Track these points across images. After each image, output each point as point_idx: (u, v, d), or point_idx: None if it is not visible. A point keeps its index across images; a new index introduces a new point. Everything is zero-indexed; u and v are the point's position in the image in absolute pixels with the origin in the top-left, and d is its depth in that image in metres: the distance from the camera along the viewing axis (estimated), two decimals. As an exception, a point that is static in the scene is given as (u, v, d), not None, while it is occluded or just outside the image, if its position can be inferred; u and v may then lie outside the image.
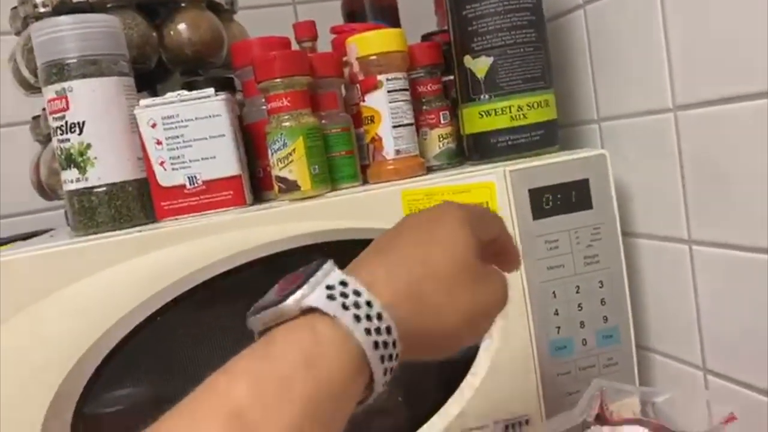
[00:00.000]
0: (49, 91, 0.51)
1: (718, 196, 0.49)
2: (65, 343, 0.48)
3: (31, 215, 0.81)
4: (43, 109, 0.61)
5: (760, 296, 0.47)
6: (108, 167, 0.52)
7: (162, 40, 0.60)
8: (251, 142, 0.57)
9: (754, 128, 0.45)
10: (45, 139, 0.66)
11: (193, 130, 0.52)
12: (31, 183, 0.67)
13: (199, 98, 0.52)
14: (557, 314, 0.56)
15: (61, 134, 0.51)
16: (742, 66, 0.45)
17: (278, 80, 0.53)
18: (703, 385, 0.54)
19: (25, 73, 0.60)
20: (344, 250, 0.51)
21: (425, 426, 0.55)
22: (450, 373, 0.56)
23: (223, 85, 0.61)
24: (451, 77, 0.62)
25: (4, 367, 0.47)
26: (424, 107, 0.62)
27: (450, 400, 0.56)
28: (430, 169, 0.61)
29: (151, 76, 0.62)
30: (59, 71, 0.51)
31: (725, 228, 0.49)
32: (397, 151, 0.57)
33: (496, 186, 0.55)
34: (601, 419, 0.50)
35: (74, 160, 0.51)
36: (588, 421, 0.50)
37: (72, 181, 0.52)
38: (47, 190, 0.63)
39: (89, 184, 0.51)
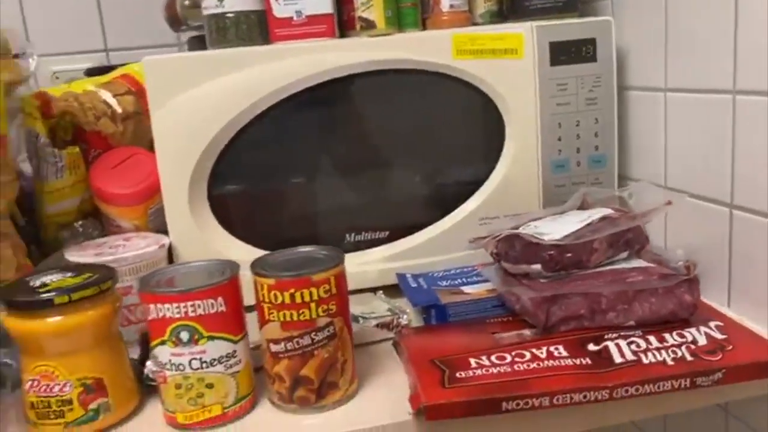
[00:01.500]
0: (198, -63, 0.69)
1: (682, 53, 0.66)
2: (199, 130, 0.68)
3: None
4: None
5: (712, 129, 0.64)
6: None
7: None
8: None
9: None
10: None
11: (301, -24, 0.70)
12: (164, 17, 0.86)
13: (307, -49, 0.70)
14: (560, 140, 0.75)
15: (206, -30, 0.69)
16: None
17: (366, -59, 0.70)
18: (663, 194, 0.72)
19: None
20: (404, 77, 0.70)
21: (452, 214, 0.75)
22: (472, 179, 0.76)
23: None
24: (499, -48, 0.78)
25: (159, 149, 0.67)
26: (475, -27, 0.78)
27: (469, 199, 0.76)
28: (474, 24, 0.78)
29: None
30: None
31: (686, 76, 0.66)
32: (451, 6, 0.74)
33: (524, 36, 0.72)
34: (582, 209, 0.69)
35: (215, -9, 0.70)
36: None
37: (212, 7, 0.70)
38: (181, 20, 0.82)
39: (225, 10, 0.70)
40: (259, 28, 0.72)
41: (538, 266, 0.58)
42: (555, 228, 0.60)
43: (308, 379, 0.52)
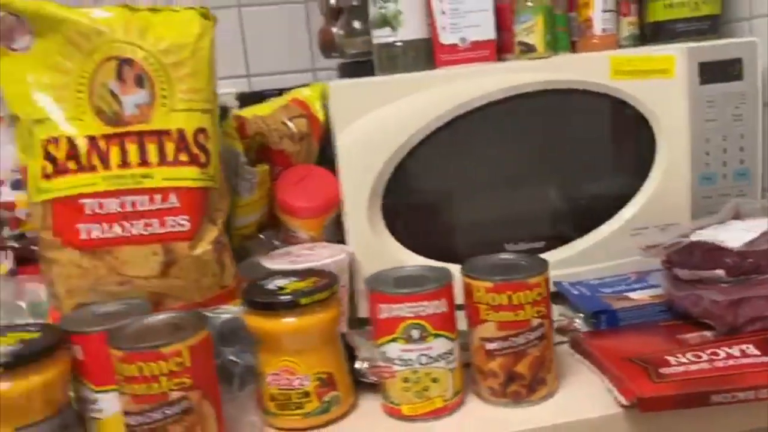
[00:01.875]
0: (375, -27, 0.75)
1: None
2: (379, 149, 0.74)
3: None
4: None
5: None
6: (410, 29, 0.76)
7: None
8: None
9: None
10: (331, 11, 0.91)
11: (467, 4, 0.76)
12: (318, 44, 0.93)
13: (475, -17, 0.76)
14: (707, 154, 0.79)
15: (382, 2, 0.75)
16: None
17: (528, -27, 0.76)
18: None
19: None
20: (563, 96, 0.75)
21: (605, 224, 0.80)
22: (622, 192, 0.80)
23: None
24: (640, -22, 0.83)
25: (342, 166, 0.73)
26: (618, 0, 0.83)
27: (622, 210, 0.80)
28: (620, 47, 0.83)
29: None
30: (383, -42, 0.74)
31: None
32: (603, 30, 0.79)
33: (676, 58, 0.77)
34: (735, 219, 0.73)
35: (388, 22, 0.76)
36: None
37: (384, 36, 0.76)
38: (335, 48, 0.89)
39: (398, 39, 0.76)
40: (425, 54, 0.78)
41: (720, 271, 0.62)
42: (729, 236, 0.64)
43: (521, 375, 0.57)
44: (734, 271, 0.62)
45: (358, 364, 0.62)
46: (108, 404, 0.55)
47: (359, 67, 0.89)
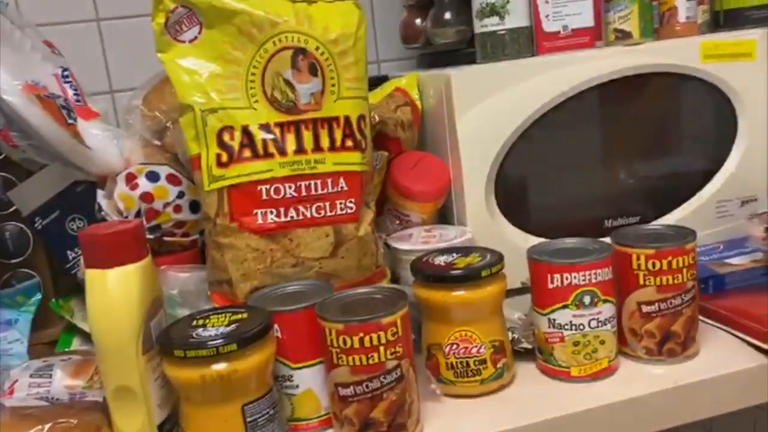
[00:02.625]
0: (483, -36, 0.79)
1: None
2: (496, 134, 0.77)
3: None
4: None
5: None
6: (516, 17, 0.80)
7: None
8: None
9: None
10: (416, 4, 0.94)
11: (569, -5, 0.80)
12: (399, 34, 0.96)
13: (577, -27, 0.80)
14: (785, 128, 0.86)
15: (490, -7, 0.79)
16: None
17: (623, -36, 0.81)
18: None
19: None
20: (657, 79, 0.81)
21: (694, 197, 0.86)
22: (707, 167, 0.86)
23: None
24: (711, -32, 0.90)
25: (463, 150, 0.76)
26: (695, -11, 0.89)
27: (707, 185, 0.86)
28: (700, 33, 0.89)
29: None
30: (490, -49, 0.78)
31: None
32: (687, 17, 0.85)
33: (757, 41, 0.83)
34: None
35: (497, 11, 0.80)
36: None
37: (492, 25, 0.80)
38: (427, 36, 0.92)
39: (505, 27, 0.80)
40: (528, 41, 0.82)
41: (833, 234, 0.69)
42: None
43: (677, 334, 0.62)
44: None
45: (511, 334, 0.66)
46: (303, 380, 0.57)
47: (445, 56, 0.93)
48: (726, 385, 0.61)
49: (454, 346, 0.61)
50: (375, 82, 0.89)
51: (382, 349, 0.53)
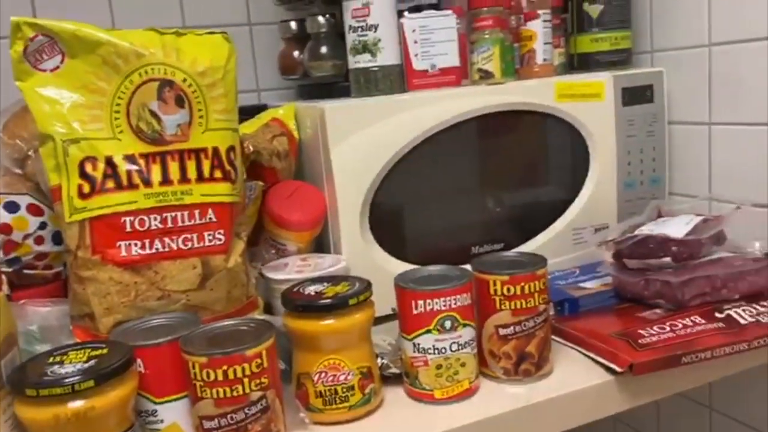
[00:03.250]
0: (355, 3, 0.82)
1: (728, 97, 0.88)
2: (369, 164, 0.81)
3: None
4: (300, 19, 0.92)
5: (755, 161, 0.86)
6: (387, 55, 0.84)
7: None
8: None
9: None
10: (294, 37, 0.96)
11: (436, 35, 0.85)
12: (278, 65, 0.98)
13: (443, 15, 0.85)
14: (629, 164, 0.94)
15: (362, 31, 0.83)
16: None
17: (485, 9, 0.87)
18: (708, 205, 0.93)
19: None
20: (516, 117, 0.87)
21: (552, 226, 0.92)
22: (564, 197, 0.93)
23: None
24: (566, 15, 0.98)
25: (338, 179, 0.79)
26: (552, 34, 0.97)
27: (564, 214, 0.93)
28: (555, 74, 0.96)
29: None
30: (362, -9, 0.82)
31: (733, 113, 0.88)
32: (544, 60, 0.92)
33: (605, 83, 0.91)
34: (659, 217, 0.88)
35: (369, 48, 0.83)
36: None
37: (365, 62, 0.83)
38: (301, 70, 0.94)
39: (377, 64, 0.83)
40: (399, 78, 0.86)
41: (668, 258, 0.76)
42: (671, 229, 0.78)
43: (531, 355, 0.67)
44: (678, 257, 0.76)
45: (380, 360, 0.68)
46: (167, 414, 0.57)
47: (323, 88, 0.96)
48: (576, 401, 0.66)
49: (323, 374, 0.62)
50: (254, 111, 0.90)
51: (246, 381, 0.53)
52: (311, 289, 0.64)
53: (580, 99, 0.91)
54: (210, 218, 0.63)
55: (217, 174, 0.63)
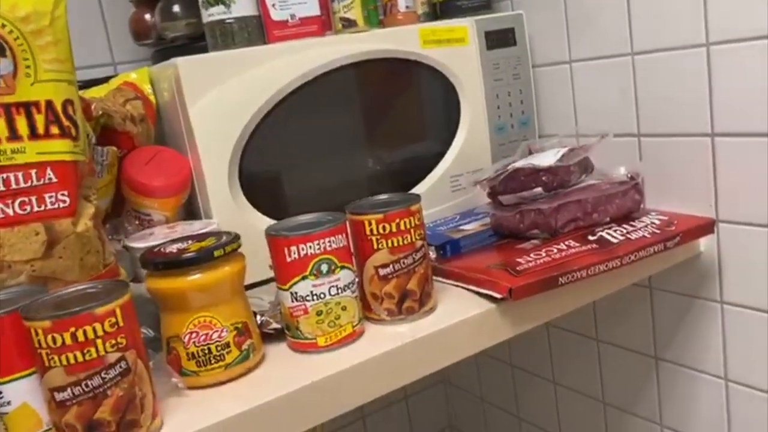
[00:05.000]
0: (202, -48, 0.78)
1: (583, 33, 0.91)
2: (232, 121, 0.76)
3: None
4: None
5: (613, 87, 0.89)
6: (242, 6, 0.80)
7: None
8: None
9: (609, -9, 0.86)
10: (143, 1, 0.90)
11: (293, -16, 0.82)
12: (130, 30, 0.91)
13: (298, -37, 0.82)
14: (498, 108, 0.96)
15: (212, -19, 0.78)
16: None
17: (341, -45, 0.84)
18: (576, 142, 0.96)
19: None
20: (383, 64, 0.85)
21: (431, 174, 0.92)
22: (441, 145, 0.93)
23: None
24: (425, -35, 0.97)
25: (199, 140, 0.74)
26: (412, -17, 0.96)
27: (441, 161, 0.93)
28: (419, 22, 0.95)
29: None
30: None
31: (589, 49, 0.91)
32: (407, 7, 0.91)
33: (468, 28, 0.92)
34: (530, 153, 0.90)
35: (222, 0, 0.79)
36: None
37: (219, 14, 0.79)
38: (155, 33, 0.88)
39: (232, 16, 0.79)
40: (258, 30, 0.82)
41: (539, 189, 0.77)
42: (539, 160, 0.80)
43: (413, 292, 0.65)
44: (549, 185, 0.78)
45: (259, 317, 0.65)
46: (15, 394, 0.51)
47: (179, 51, 0.90)
48: (460, 332, 0.66)
49: (194, 335, 0.58)
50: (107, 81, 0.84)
51: (99, 342, 0.48)
52: (173, 247, 0.60)
53: (446, 44, 0.90)
54: (50, 179, 0.57)
55: (54, 130, 0.57)
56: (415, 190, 0.91)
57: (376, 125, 0.89)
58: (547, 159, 0.79)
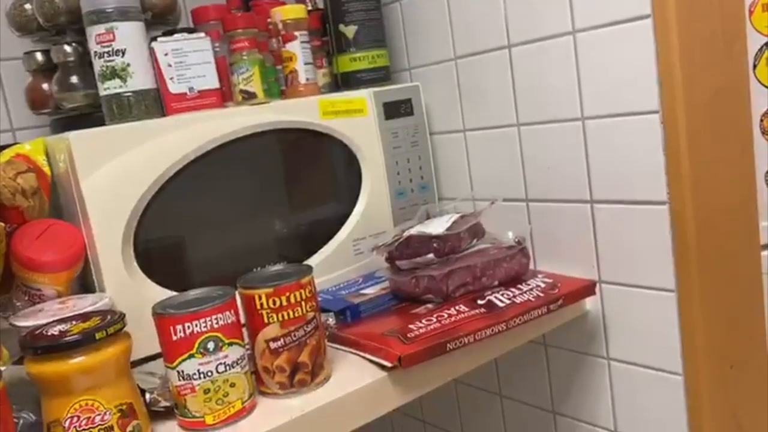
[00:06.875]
0: (98, 29, 0.78)
1: (475, 104, 0.96)
2: (125, 194, 0.77)
3: None
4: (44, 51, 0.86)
5: (503, 155, 0.94)
6: (139, 80, 0.81)
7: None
8: (214, 71, 0.90)
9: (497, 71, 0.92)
10: (40, 69, 0.89)
11: (191, 58, 0.84)
12: (27, 101, 0.90)
13: (197, 38, 0.84)
14: (398, 174, 0.99)
15: (108, 56, 0.79)
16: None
17: (240, 30, 0.87)
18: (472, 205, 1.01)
19: (40, 19, 0.84)
20: (283, 135, 0.88)
21: (332, 240, 0.94)
22: (342, 211, 0.96)
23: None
24: (326, 38, 1.01)
25: (92, 214, 0.74)
26: (314, 55, 1.00)
27: (343, 227, 0.95)
28: (321, 93, 0.99)
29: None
30: (105, 16, 0.78)
31: (481, 119, 0.97)
32: (307, 79, 0.94)
33: (366, 99, 0.95)
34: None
35: (118, 74, 0.79)
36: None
37: (115, 88, 0.80)
38: (53, 103, 0.88)
39: (128, 89, 0.80)
40: (156, 103, 0.83)
41: (431, 255, 0.80)
42: (432, 228, 0.83)
43: (305, 364, 0.67)
44: (440, 252, 0.81)
45: (148, 396, 0.64)
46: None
47: (76, 120, 0.90)
48: (351, 402, 0.67)
49: (75, 419, 0.57)
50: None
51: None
52: (56, 329, 0.59)
53: (345, 115, 0.94)
54: None
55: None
56: (319, 254, 0.93)
57: (280, 192, 0.91)
58: (438, 226, 0.83)
